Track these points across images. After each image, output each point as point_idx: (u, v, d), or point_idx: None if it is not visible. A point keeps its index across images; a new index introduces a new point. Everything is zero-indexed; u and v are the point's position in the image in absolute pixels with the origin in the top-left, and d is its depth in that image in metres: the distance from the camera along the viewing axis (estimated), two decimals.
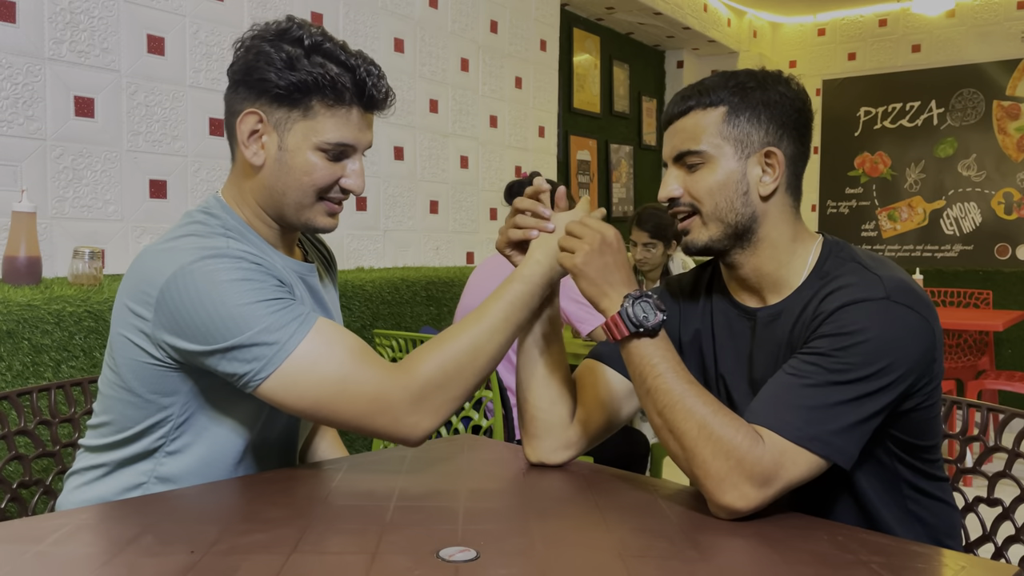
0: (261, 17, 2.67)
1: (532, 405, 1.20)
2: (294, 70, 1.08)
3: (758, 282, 1.15)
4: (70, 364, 1.92)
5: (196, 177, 2.51)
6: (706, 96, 1.11)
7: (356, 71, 1.11)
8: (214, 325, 1.02)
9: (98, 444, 1.17)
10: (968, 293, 5.02)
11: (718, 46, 5.78)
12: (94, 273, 2.04)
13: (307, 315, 1.05)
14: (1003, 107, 5.40)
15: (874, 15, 5.86)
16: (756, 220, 1.11)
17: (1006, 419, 1.24)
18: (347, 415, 1.04)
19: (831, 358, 1.00)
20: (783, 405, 1.00)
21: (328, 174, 1.13)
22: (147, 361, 1.09)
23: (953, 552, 0.94)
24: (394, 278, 3.02)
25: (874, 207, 5.91)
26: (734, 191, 1.10)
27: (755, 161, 1.10)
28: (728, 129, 1.10)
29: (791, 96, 1.12)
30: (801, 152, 1.14)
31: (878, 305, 1.01)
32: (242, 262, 1.05)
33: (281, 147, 1.12)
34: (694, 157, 1.11)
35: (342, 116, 1.12)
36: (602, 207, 1.17)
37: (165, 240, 1.11)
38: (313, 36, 1.10)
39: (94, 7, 2.23)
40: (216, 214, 1.15)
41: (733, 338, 1.18)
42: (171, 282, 1.03)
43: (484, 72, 3.69)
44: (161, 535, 0.90)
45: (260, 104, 1.11)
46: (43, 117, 2.13)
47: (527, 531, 0.94)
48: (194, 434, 1.14)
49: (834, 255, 1.12)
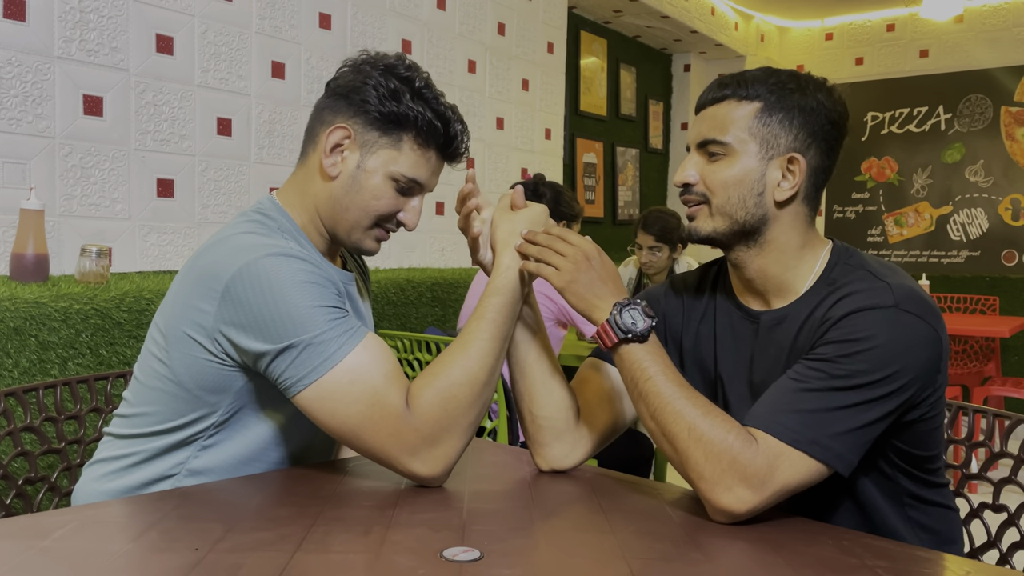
0: (269, 17, 2.68)
1: (537, 413, 1.18)
2: (398, 102, 1.15)
3: (763, 284, 1.14)
4: (76, 361, 1.92)
5: (203, 176, 2.52)
6: (743, 88, 1.09)
7: (450, 125, 1.19)
8: (275, 323, 1.03)
9: (131, 433, 1.17)
10: (975, 299, 5.01)
11: (725, 50, 5.78)
12: (101, 271, 2.05)
13: (358, 328, 1.07)
14: (1011, 113, 5.39)
15: (882, 20, 5.85)
16: (766, 223, 1.10)
17: (1012, 425, 1.24)
18: (373, 445, 1.04)
19: (835, 364, 0.99)
20: (783, 409, 0.99)
21: (392, 203, 1.19)
22: (203, 357, 1.10)
23: (958, 557, 0.94)
24: (399, 279, 3.02)
25: (881, 212, 5.90)
26: (749, 189, 1.09)
27: (777, 164, 1.09)
28: (758, 126, 1.08)
29: (829, 106, 1.09)
30: (826, 165, 1.12)
31: (887, 313, 1.00)
32: (307, 264, 1.07)
33: (360, 166, 1.17)
34: (717, 147, 1.10)
35: (424, 156, 1.19)
36: (519, 184, 1.24)
37: (222, 237, 1.12)
38: (420, 79, 1.18)
39: (103, 6, 2.24)
40: (272, 215, 1.19)
41: (735, 340, 1.17)
42: (238, 276, 1.05)
43: (491, 74, 3.70)
44: (166, 532, 0.90)
45: (354, 122, 1.17)
46: (52, 115, 2.14)
47: (531, 532, 0.94)
48: (234, 432, 1.15)
49: (843, 262, 1.11)
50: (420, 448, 1.04)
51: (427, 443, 1.05)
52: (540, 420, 1.18)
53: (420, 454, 1.05)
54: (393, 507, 1.00)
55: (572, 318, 2.56)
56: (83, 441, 1.47)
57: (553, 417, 1.18)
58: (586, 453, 1.20)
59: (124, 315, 2.01)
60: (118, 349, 2.01)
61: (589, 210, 5.01)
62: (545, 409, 1.18)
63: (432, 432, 1.05)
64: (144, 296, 2.06)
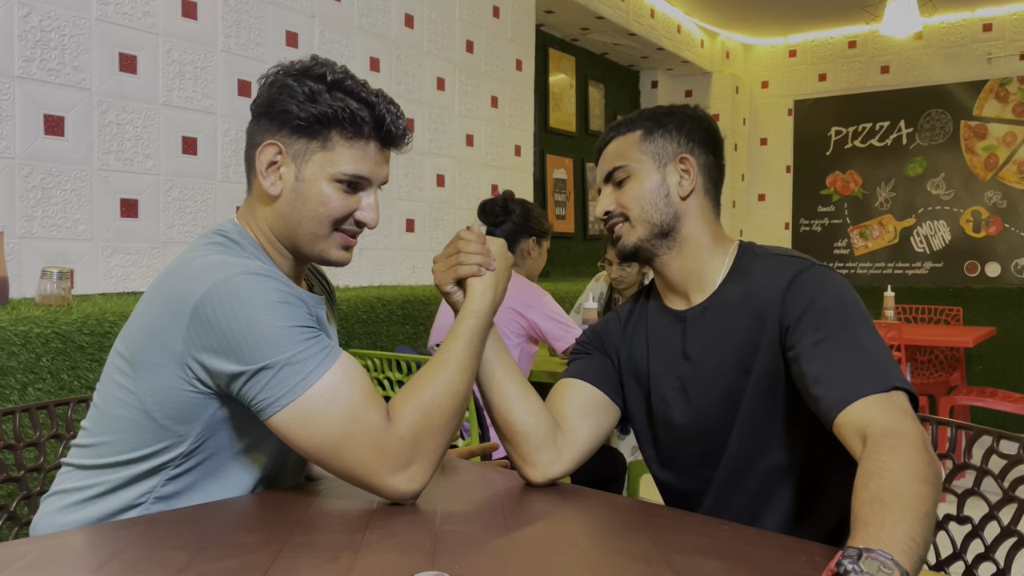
0: (235, 35, 2.66)
1: (519, 423, 1.21)
2: (315, 103, 1.12)
3: (685, 282, 1.27)
4: (36, 387, 1.88)
5: (168, 196, 2.49)
6: (626, 125, 1.30)
7: (376, 107, 1.14)
8: (248, 344, 1.01)
9: (92, 464, 1.13)
10: (939, 310, 5.09)
11: (691, 66, 5.86)
12: (62, 294, 2.01)
13: (333, 348, 1.06)
14: (970, 127, 5.51)
15: (844, 37, 5.96)
16: (678, 219, 1.26)
17: (975, 436, 1.25)
18: (352, 463, 1.03)
19: (829, 318, 1.09)
20: (844, 375, 1.03)
21: (343, 205, 1.15)
22: (174, 385, 1.06)
23: (926, 571, 0.94)
24: (370, 297, 3.00)
25: (846, 225, 5.99)
26: (656, 194, 1.25)
27: (672, 168, 1.26)
28: (646, 145, 1.27)
29: (698, 117, 1.29)
30: (715, 163, 1.29)
31: (813, 271, 1.15)
32: (277, 283, 1.05)
33: (298, 177, 1.14)
34: (620, 172, 1.27)
35: (359, 149, 1.14)
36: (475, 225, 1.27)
37: (187, 260, 1.09)
38: (335, 73, 1.14)
39: (65, 25, 2.21)
40: (235, 237, 1.16)
41: (665, 341, 1.28)
42: (207, 296, 1.02)
43: (460, 91, 3.71)
44: (129, 562, 0.88)
45: (280, 136, 1.14)
46: (12, 135, 2.10)
47: (502, 554, 0.93)
48: (202, 460, 1.12)
49: (748, 252, 1.26)
50: (403, 461, 1.04)
51: (410, 454, 1.04)
52: (523, 430, 1.21)
53: (402, 469, 1.04)
54: (363, 530, 0.98)
55: (544, 334, 2.55)
56: (43, 469, 1.43)
57: (534, 424, 1.22)
58: (572, 461, 1.24)
59: (86, 338, 1.97)
60: (80, 373, 1.96)
61: (560, 226, 5.02)
62: (525, 417, 1.22)
63: (415, 441, 1.04)
64: (107, 319, 2.02)
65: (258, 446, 1.14)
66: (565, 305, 3.98)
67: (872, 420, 0.97)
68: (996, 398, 3.99)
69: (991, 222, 5.47)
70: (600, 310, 3.43)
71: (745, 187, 6.39)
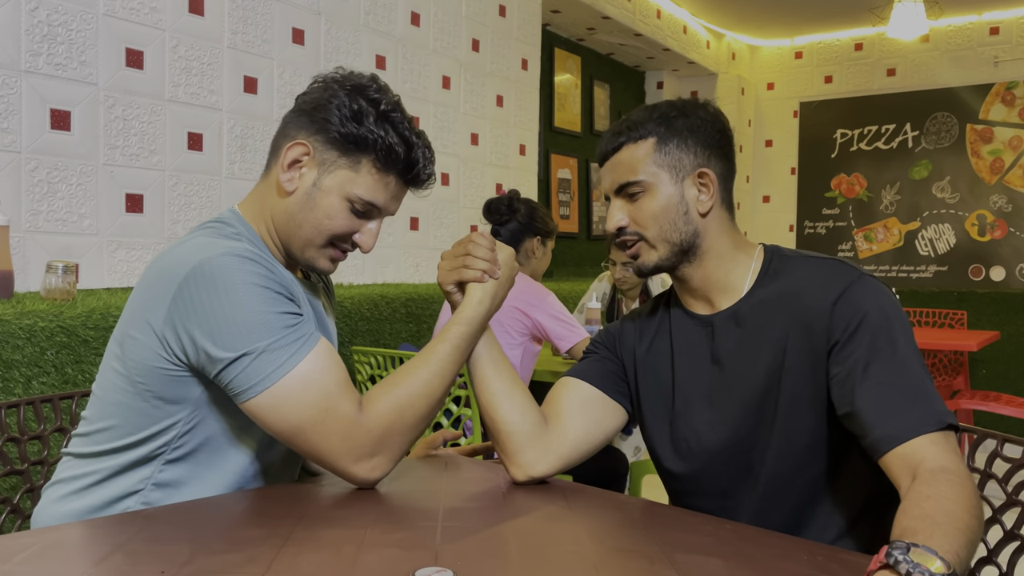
0: (241, 32, 2.66)
1: (503, 421, 1.21)
2: (359, 124, 1.14)
3: (708, 289, 1.21)
4: (41, 380, 1.88)
5: (173, 191, 2.49)
6: (635, 130, 1.19)
7: (413, 148, 1.17)
8: (228, 329, 1.03)
9: (92, 451, 1.14)
10: (943, 313, 5.08)
11: (697, 67, 5.85)
12: (67, 288, 2.01)
13: (311, 335, 1.07)
14: (976, 131, 5.50)
15: (850, 39, 5.95)
16: (699, 235, 1.19)
17: (978, 440, 1.25)
18: (320, 447, 1.06)
19: (880, 341, 1.05)
20: (898, 408, 1.01)
21: (347, 224, 1.17)
22: (156, 365, 1.08)
23: None
24: (373, 294, 3.00)
25: (851, 228, 5.98)
26: (675, 212, 1.18)
27: (690, 183, 1.18)
28: (661, 157, 1.18)
29: (711, 119, 1.20)
30: (729, 168, 1.22)
31: (865, 284, 1.09)
32: (260, 267, 1.07)
33: (316, 184, 1.16)
34: (634, 187, 1.18)
35: (382, 181, 1.17)
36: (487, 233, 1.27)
37: (177, 243, 1.13)
38: (388, 102, 1.16)
39: (72, 20, 2.21)
40: (230, 223, 1.18)
41: (692, 347, 1.22)
42: (191, 275, 1.04)
43: (465, 90, 3.71)
44: (132, 555, 0.88)
45: (314, 140, 1.16)
46: (18, 130, 2.10)
47: (504, 551, 0.93)
48: (198, 442, 1.13)
49: (777, 256, 1.21)
50: (368, 452, 1.07)
51: (376, 447, 1.07)
52: (507, 428, 1.20)
53: (366, 459, 1.07)
54: (366, 527, 0.98)
55: (547, 333, 2.55)
56: (46, 462, 1.43)
57: (519, 423, 1.20)
58: (558, 460, 1.21)
59: (91, 332, 1.98)
60: (84, 367, 1.97)
61: (564, 226, 5.02)
62: (510, 416, 1.20)
63: (383, 436, 1.07)
64: (111, 313, 2.02)
65: (250, 428, 1.15)
66: (569, 305, 3.98)
67: (926, 458, 0.96)
68: (1000, 402, 3.99)
69: (996, 226, 5.46)
70: (603, 310, 3.43)
71: (750, 189, 6.38)
